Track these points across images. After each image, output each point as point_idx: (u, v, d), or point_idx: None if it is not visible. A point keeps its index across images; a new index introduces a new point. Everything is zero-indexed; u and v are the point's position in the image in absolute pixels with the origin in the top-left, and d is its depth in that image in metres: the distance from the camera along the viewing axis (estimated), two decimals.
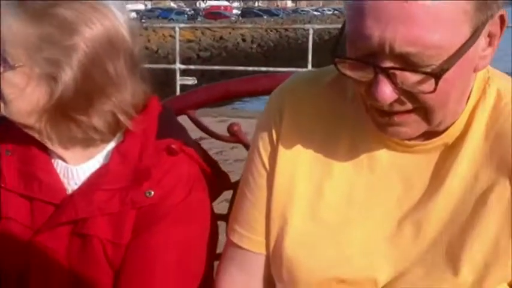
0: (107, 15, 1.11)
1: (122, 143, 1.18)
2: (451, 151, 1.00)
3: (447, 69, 0.85)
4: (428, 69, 0.86)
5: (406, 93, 0.89)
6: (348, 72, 0.92)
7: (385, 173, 1.03)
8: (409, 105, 0.90)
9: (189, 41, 26.91)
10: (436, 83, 0.85)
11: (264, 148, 1.11)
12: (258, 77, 1.63)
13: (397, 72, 0.87)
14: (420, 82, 0.87)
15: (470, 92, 0.99)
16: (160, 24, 20.34)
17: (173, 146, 1.16)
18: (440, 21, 0.83)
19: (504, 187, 0.96)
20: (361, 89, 0.92)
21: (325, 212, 1.05)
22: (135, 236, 1.14)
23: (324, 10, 73.68)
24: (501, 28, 0.92)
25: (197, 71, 10.76)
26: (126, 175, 1.14)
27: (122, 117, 1.15)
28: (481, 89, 1.00)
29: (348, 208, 1.04)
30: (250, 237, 1.12)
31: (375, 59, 0.87)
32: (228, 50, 29.10)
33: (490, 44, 0.93)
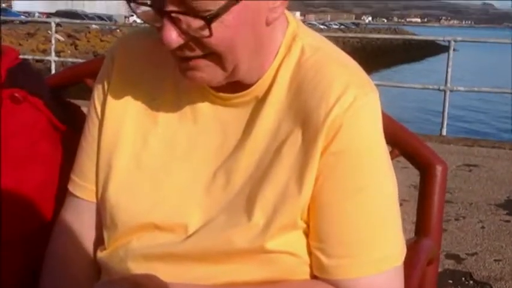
0: None
1: None
2: (260, 104, 1.03)
3: (218, 15, 0.87)
4: (206, 14, 0.88)
5: (193, 39, 0.91)
6: (144, 18, 0.94)
7: (207, 125, 1.06)
8: (198, 52, 0.93)
9: None
10: (209, 28, 0.88)
11: (98, 97, 1.13)
12: None
13: (181, 16, 0.89)
14: (202, 28, 0.89)
15: (280, 48, 1.02)
16: None
17: (16, 95, 1.19)
18: None
19: (297, 136, 0.99)
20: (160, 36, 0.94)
21: (147, 160, 1.07)
22: None
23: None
24: None
25: None
26: None
27: None
28: (288, 46, 1.03)
29: (169, 157, 1.06)
30: (83, 186, 1.14)
31: (160, 3, 0.89)
32: None
33: None
